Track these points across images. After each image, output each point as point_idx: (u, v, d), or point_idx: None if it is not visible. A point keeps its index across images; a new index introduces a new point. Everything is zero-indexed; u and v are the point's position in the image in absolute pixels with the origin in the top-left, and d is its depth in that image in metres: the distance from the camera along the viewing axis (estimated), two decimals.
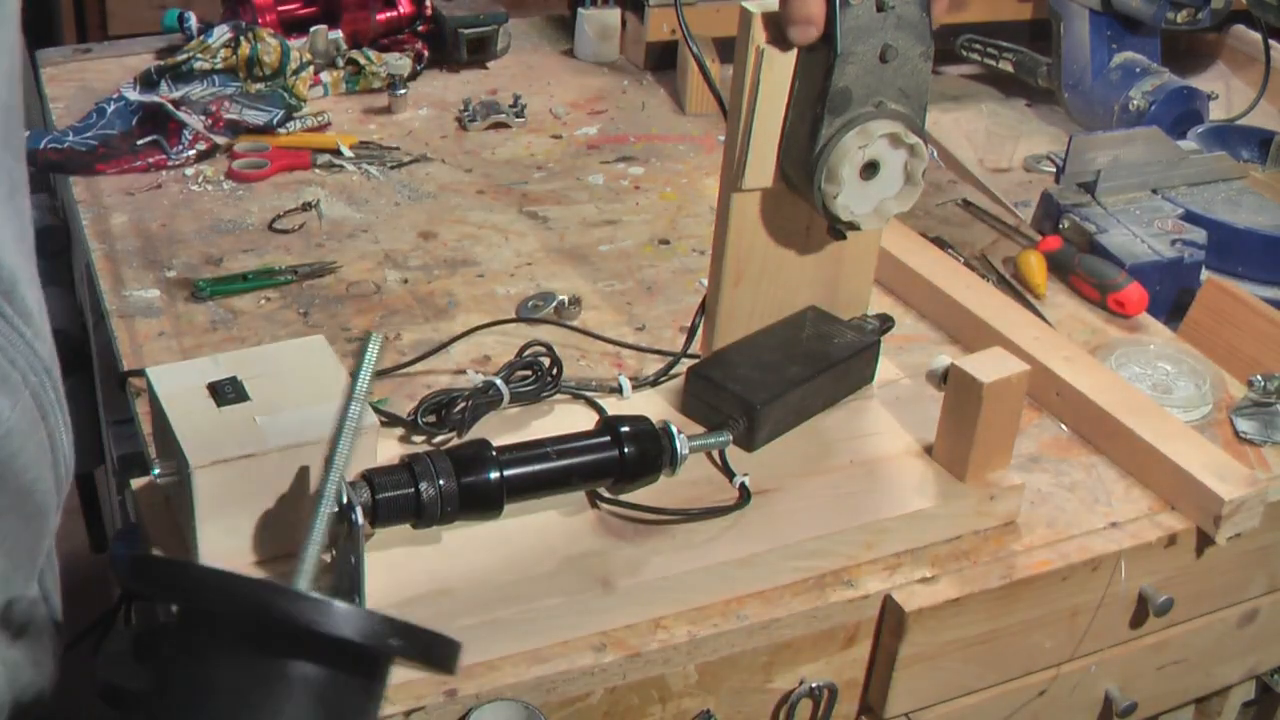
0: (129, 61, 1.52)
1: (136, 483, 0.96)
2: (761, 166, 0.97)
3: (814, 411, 1.05)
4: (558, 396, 1.05)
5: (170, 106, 1.45)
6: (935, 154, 1.64)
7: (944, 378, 1.00)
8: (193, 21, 1.59)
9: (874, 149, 0.94)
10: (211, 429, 0.86)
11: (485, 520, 0.89)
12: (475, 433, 0.99)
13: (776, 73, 0.94)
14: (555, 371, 1.04)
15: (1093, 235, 1.37)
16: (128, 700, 0.56)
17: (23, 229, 0.61)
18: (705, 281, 1.13)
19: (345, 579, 0.83)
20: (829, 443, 1.02)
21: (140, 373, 0.97)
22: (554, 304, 1.21)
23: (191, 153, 1.43)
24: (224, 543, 0.85)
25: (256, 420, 0.86)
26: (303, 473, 0.85)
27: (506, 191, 1.44)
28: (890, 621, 0.95)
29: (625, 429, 0.91)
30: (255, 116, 1.47)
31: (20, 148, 0.62)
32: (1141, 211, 1.43)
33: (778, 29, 0.91)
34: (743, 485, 0.96)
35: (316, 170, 1.45)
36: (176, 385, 0.89)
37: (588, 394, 1.05)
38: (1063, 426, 1.13)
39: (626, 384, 1.06)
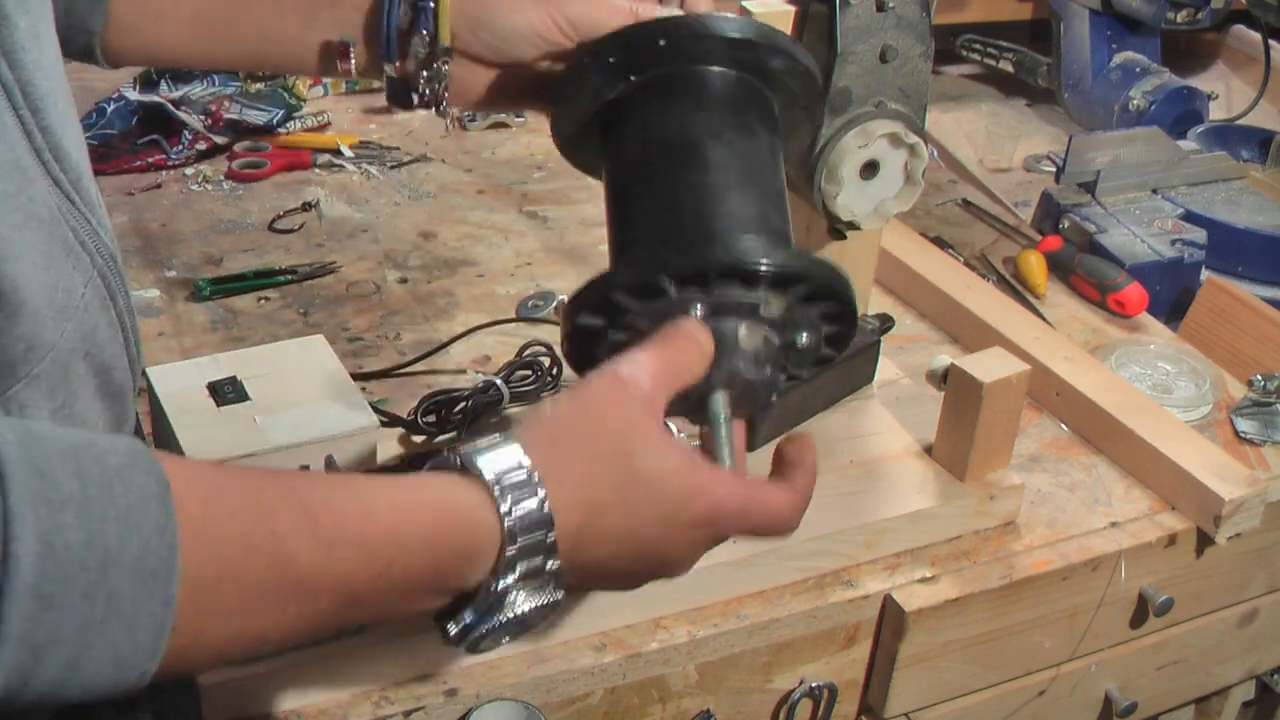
0: None
1: None
2: None
3: (814, 411, 1.05)
4: None
5: (170, 106, 1.45)
6: (935, 154, 1.64)
7: (944, 378, 1.00)
8: None
9: (874, 149, 0.94)
10: (211, 429, 0.86)
11: None
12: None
13: None
14: (555, 371, 1.04)
15: (1093, 235, 1.37)
16: None
17: (80, 135, 0.66)
18: None
19: None
20: (829, 443, 1.02)
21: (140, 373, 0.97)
22: (554, 304, 1.21)
23: (191, 153, 1.43)
24: None
25: (256, 420, 0.87)
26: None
27: (506, 191, 1.44)
28: (890, 621, 0.95)
29: None
30: (255, 116, 1.47)
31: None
32: (1141, 211, 1.43)
33: None
34: None
35: (316, 170, 1.45)
36: (176, 385, 0.89)
37: None
38: (1063, 426, 1.13)
39: None
